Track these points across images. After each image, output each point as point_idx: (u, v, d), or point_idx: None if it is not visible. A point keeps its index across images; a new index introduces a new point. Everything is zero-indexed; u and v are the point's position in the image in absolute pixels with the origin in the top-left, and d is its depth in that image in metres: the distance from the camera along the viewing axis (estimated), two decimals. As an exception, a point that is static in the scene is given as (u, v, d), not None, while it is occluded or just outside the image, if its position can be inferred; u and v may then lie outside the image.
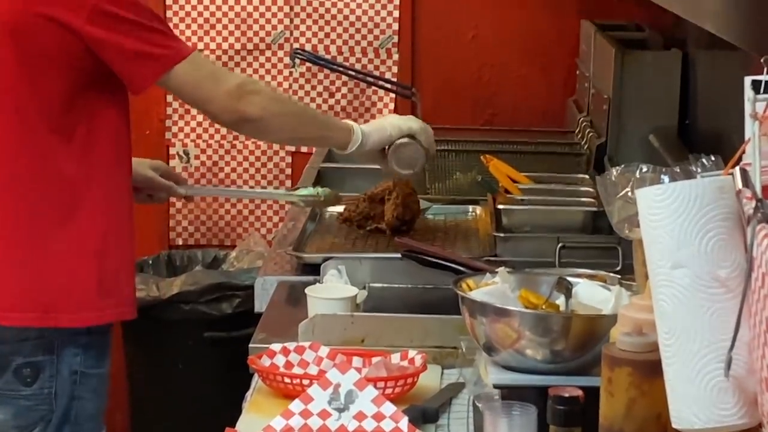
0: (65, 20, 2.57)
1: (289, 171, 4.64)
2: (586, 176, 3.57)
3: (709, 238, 1.57)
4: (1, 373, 2.69)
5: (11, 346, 2.67)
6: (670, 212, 1.59)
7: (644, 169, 2.20)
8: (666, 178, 2.10)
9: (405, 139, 2.98)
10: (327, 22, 4.59)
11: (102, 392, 2.78)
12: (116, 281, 2.72)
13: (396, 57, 4.61)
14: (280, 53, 4.62)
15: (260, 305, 2.96)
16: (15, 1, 2.59)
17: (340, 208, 3.36)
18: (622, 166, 2.26)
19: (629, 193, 2.17)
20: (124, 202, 2.75)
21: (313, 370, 2.41)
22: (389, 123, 3.01)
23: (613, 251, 2.86)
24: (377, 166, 3.11)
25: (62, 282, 2.66)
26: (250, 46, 4.62)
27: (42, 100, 2.62)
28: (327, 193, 3.18)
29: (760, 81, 1.52)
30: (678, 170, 2.11)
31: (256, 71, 4.61)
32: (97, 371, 2.74)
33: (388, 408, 2.21)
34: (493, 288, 2.30)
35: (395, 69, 4.61)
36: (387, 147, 2.99)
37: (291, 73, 4.63)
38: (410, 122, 3.02)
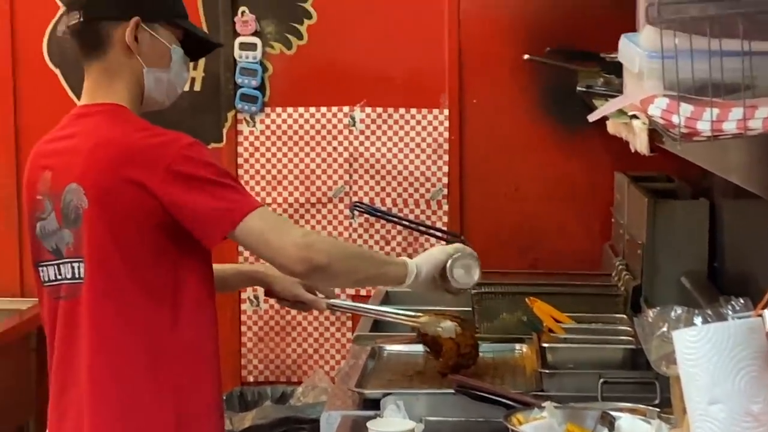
0: (143, 181, 2.56)
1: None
2: (624, 316, 3.54)
3: (741, 376, 1.56)
4: None
5: None
6: (705, 352, 1.58)
7: (678, 311, 2.19)
8: (699, 320, 2.08)
9: (456, 255, 2.92)
10: (383, 177, 4.64)
11: None
12: (195, 422, 2.69)
13: (446, 207, 4.64)
14: (341, 206, 4.66)
15: (326, 438, 2.94)
16: (102, 168, 2.60)
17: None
18: (658, 308, 2.25)
19: (666, 333, 2.15)
20: (207, 348, 2.73)
21: (375, 499, 2.39)
22: (435, 250, 2.95)
23: (651, 386, 2.83)
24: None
25: (141, 422, 2.65)
26: (313, 199, 4.66)
27: (127, 257, 2.61)
28: (447, 323, 3.16)
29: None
30: (710, 312, 2.09)
31: (318, 222, 4.65)
32: None
33: None
34: (541, 422, 2.29)
35: (445, 219, 4.64)
36: (439, 273, 2.92)
37: (350, 224, 4.66)
38: (453, 245, 2.98)
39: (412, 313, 3.23)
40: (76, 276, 2.66)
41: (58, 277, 2.69)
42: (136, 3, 2.72)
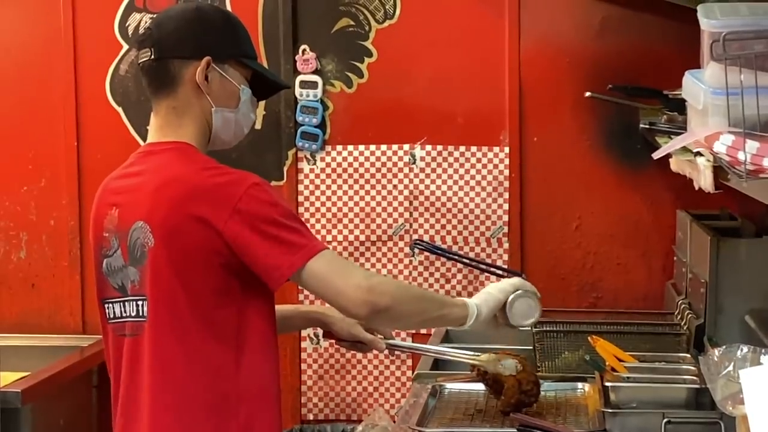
0: (209, 219, 2.57)
1: (409, 351, 4.64)
2: (687, 355, 3.52)
3: (811, 415, 1.54)
4: None
5: None
6: (773, 391, 1.56)
7: (745, 350, 2.17)
8: (766, 359, 2.07)
9: (516, 293, 2.92)
10: (443, 215, 4.64)
11: None
12: None
13: (506, 245, 4.63)
14: (401, 243, 4.66)
15: (386, 477, 2.94)
16: (169, 206, 2.61)
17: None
18: (724, 347, 2.23)
19: (732, 372, 2.14)
20: (269, 391, 2.73)
21: None
22: (494, 289, 2.93)
23: (716, 426, 2.81)
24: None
25: None
26: (373, 237, 4.67)
27: (191, 296, 2.62)
28: (508, 361, 3.16)
29: None
30: (777, 350, 2.08)
31: (379, 260, 4.66)
32: None
33: None
34: (605, 461, 2.27)
35: (506, 256, 4.63)
36: (499, 312, 2.91)
37: (411, 262, 4.66)
38: (511, 281, 2.96)
39: (472, 352, 3.22)
40: (140, 314, 2.68)
41: (123, 314, 2.71)
42: (208, 43, 2.74)
